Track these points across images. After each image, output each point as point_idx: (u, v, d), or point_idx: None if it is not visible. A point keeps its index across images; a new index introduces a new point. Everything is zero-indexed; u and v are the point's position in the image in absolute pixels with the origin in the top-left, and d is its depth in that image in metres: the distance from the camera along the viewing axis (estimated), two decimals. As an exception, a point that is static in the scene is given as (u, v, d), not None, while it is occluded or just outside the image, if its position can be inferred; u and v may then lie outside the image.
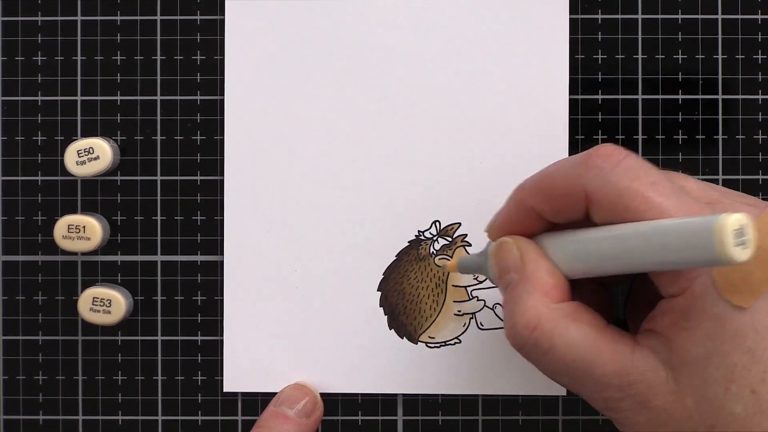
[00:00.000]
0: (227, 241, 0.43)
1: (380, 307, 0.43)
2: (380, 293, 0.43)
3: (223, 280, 0.43)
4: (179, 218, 0.43)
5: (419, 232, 0.43)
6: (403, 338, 0.43)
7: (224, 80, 0.43)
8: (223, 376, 0.43)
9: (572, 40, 0.43)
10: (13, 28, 0.43)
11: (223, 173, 0.43)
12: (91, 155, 0.42)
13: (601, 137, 0.43)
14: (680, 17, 0.43)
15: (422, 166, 0.43)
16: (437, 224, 0.43)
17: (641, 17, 0.43)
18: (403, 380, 0.43)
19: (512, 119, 0.42)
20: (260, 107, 0.43)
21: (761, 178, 0.43)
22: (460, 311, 0.43)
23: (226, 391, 0.43)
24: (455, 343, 0.43)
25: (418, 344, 0.43)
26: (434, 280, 0.43)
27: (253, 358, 0.43)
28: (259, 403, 0.43)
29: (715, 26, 0.43)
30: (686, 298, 0.30)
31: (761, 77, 0.43)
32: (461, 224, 0.43)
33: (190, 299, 0.43)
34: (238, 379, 0.43)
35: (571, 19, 0.43)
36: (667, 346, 0.30)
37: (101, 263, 0.43)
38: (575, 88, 0.43)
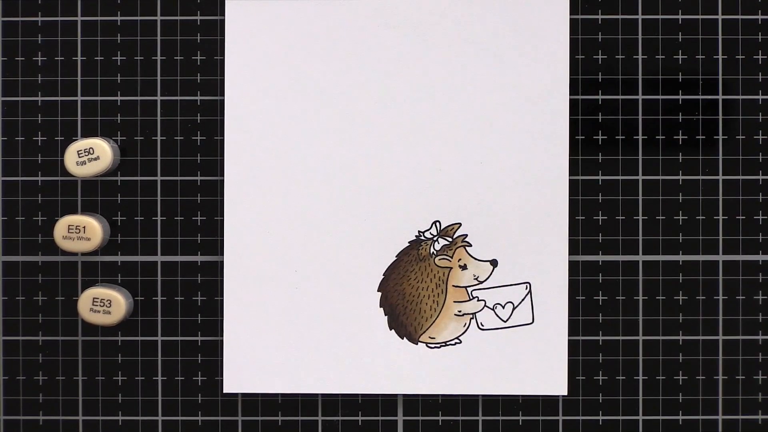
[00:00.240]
0: (227, 241, 0.43)
1: (380, 307, 0.43)
2: (380, 293, 0.43)
3: (223, 280, 0.43)
4: (179, 218, 0.43)
5: (419, 232, 0.43)
6: (403, 338, 0.43)
7: (224, 81, 0.43)
8: (223, 376, 0.43)
9: (572, 40, 0.43)
10: (13, 28, 0.43)
11: (223, 173, 0.43)
12: (91, 155, 0.42)
13: (601, 137, 0.43)
14: (680, 17, 0.43)
15: (422, 166, 0.43)
16: (437, 224, 0.43)
17: (641, 17, 0.43)
18: (403, 380, 0.43)
19: (512, 119, 0.42)
20: (260, 107, 0.43)
21: (761, 178, 0.43)
22: (460, 311, 0.43)
23: (226, 391, 0.43)
24: (455, 343, 0.43)
25: (418, 344, 0.43)
26: (434, 280, 0.43)
27: (253, 358, 0.43)
28: (259, 403, 0.43)
29: (715, 26, 0.43)
30: None
31: (761, 77, 0.43)
32: (461, 224, 0.43)
33: (190, 299, 0.43)
34: (238, 379, 0.43)
35: (571, 19, 0.43)
36: None
37: (101, 263, 0.43)
38: (575, 88, 0.43)
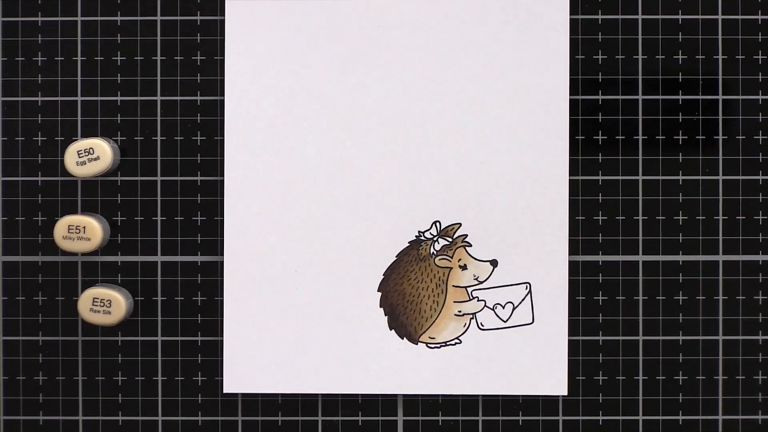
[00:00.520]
0: (227, 241, 0.43)
1: (380, 307, 0.43)
2: (380, 293, 0.43)
3: (223, 280, 0.43)
4: (179, 218, 0.43)
5: (419, 232, 0.43)
6: (403, 338, 0.43)
7: (224, 80, 0.43)
8: (223, 376, 0.43)
9: (572, 40, 0.43)
10: (13, 28, 0.43)
11: (223, 173, 0.43)
12: (91, 155, 0.42)
13: (601, 137, 0.43)
14: (680, 17, 0.43)
15: (422, 166, 0.43)
16: (437, 224, 0.43)
17: (641, 17, 0.43)
18: (403, 380, 0.43)
19: (512, 119, 0.42)
20: (260, 107, 0.43)
21: (761, 178, 0.43)
22: (460, 311, 0.43)
23: (226, 391, 0.43)
24: (455, 343, 0.43)
25: (418, 344, 0.43)
26: (434, 280, 0.43)
27: (253, 358, 0.43)
28: (259, 403, 0.43)
29: (715, 26, 0.43)
30: None
31: (761, 77, 0.43)
32: (461, 224, 0.43)
33: (190, 299, 0.43)
34: (238, 379, 0.43)
35: (571, 19, 0.43)
36: None
37: (101, 263, 0.43)
38: (575, 88, 0.43)
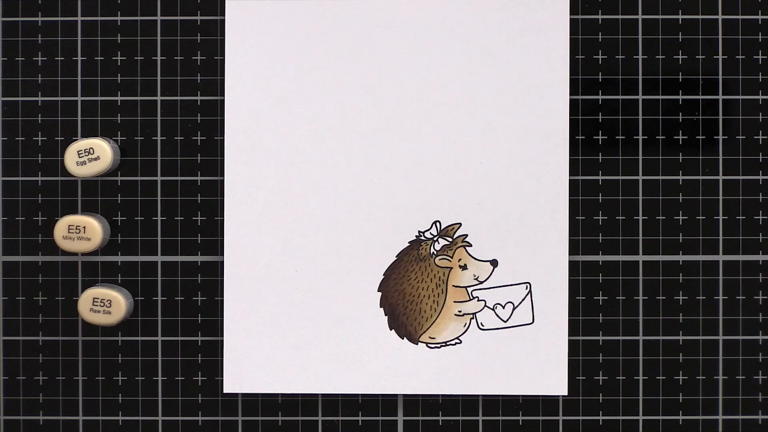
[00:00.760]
0: (227, 241, 0.43)
1: (380, 307, 0.43)
2: (380, 293, 0.43)
3: (223, 280, 0.43)
4: (179, 218, 0.43)
5: (419, 232, 0.43)
6: (403, 338, 0.43)
7: (224, 80, 0.43)
8: (223, 376, 0.43)
9: (572, 40, 0.43)
10: (13, 28, 0.43)
11: (223, 173, 0.43)
12: (91, 155, 0.42)
13: (601, 137, 0.43)
14: (680, 17, 0.43)
15: (422, 166, 0.43)
16: (437, 224, 0.43)
17: (641, 17, 0.43)
18: (403, 380, 0.43)
19: (512, 119, 0.42)
20: (260, 107, 0.43)
21: (761, 178, 0.43)
22: (460, 311, 0.43)
23: (226, 391, 0.43)
24: (456, 343, 0.43)
25: (418, 344, 0.43)
26: (435, 280, 0.43)
27: (253, 358, 0.43)
28: (259, 403, 0.43)
29: (715, 26, 0.43)
30: None
31: (761, 77, 0.43)
32: (461, 224, 0.43)
33: (190, 299, 0.43)
34: (238, 379, 0.43)
35: (571, 19, 0.43)
36: None
37: (101, 263, 0.43)
38: (575, 88, 0.43)
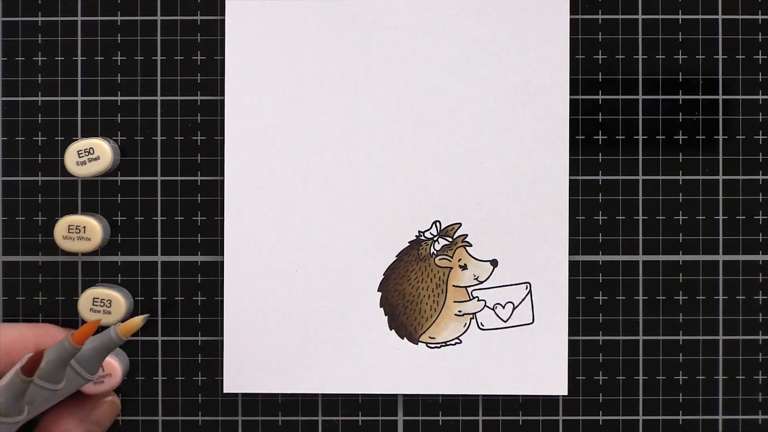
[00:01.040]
0: (227, 241, 0.43)
1: (380, 307, 0.43)
2: (380, 293, 0.43)
3: (223, 280, 0.43)
4: (179, 218, 0.43)
5: (419, 232, 0.43)
6: (403, 338, 0.43)
7: (224, 80, 0.43)
8: (223, 376, 0.43)
9: (572, 40, 0.43)
10: (13, 28, 0.43)
11: (223, 173, 0.43)
12: (91, 155, 0.42)
13: (601, 138, 0.43)
14: (680, 17, 0.43)
15: (422, 166, 0.43)
16: (437, 224, 0.43)
17: (641, 17, 0.43)
18: (403, 380, 0.43)
19: (513, 119, 0.42)
20: (260, 107, 0.43)
21: (761, 178, 0.43)
22: (460, 311, 0.43)
23: (226, 391, 0.43)
24: (456, 343, 0.43)
25: (418, 344, 0.43)
26: (435, 280, 0.43)
27: (253, 359, 0.43)
28: (259, 403, 0.43)
29: (715, 26, 0.43)
30: None
31: (761, 77, 0.43)
32: (461, 224, 0.43)
33: (190, 300, 0.43)
34: (238, 379, 0.43)
35: (571, 19, 0.43)
36: None
37: (101, 263, 0.43)
38: (575, 88, 0.43)
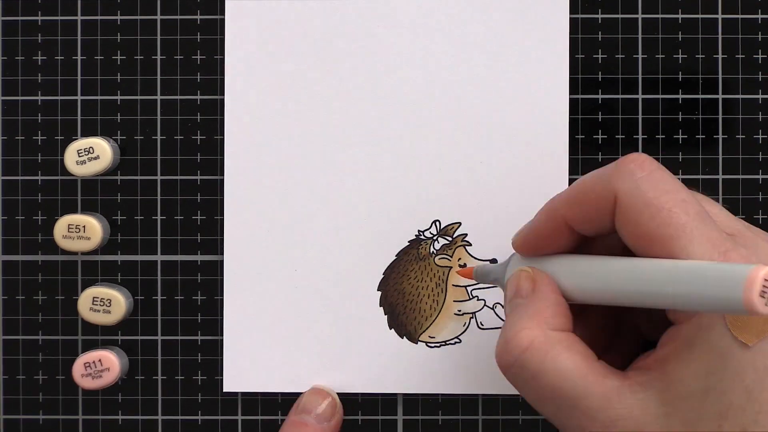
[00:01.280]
0: (227, 241, 0.43)
1: (380, 306, 0.43)
2: (380, 293, 0.43)
3: (223, 280, 0.43)
4: (179, 218, 0.43)
5: (419, 231, 0.43)
6: (403, 338, 0.43)
7: (224, 80, 0.43)
8: (223, 375, 0.43)
9: (572, 40, 0.43)
10: (13, 27, 0.43)
11: (223, 173, 0.43)
12: (91, 155, 0.42)
13: (601, 137, 0.43)
14: (680, 17, 0.43)
15: (422, 166, 0.43)
16: (437, 224, 0.43)
17: (641, 17, 0.43)
18: (403, 380, 0.43)
19: (512, 119, 0.42)
20: (260, 107, 0.43)
21: (761, 177, 0.43)
22: (460, 311, 0.43)
23: (226, 390, 0.43)
24: (455, 342, 0.43)
25: (418, 344, 0.43)
26: (434, 279, 0.43)
27: (253, 358, 0.43)
28: (258, 403, 0.43)
29: (715, 26, 0.43)
30: (692, 326, 0.30)
31: (761, 77, 0.43)
32: (461, 224, 0.43)
33: (190, 299, 0.43)
34: (238, 379, 0.43)
35: (571, 18, 0.43)
36: (662, 380, 0.30)
37: (101, 263, 0.43)
38: (575, 88, 0.43)
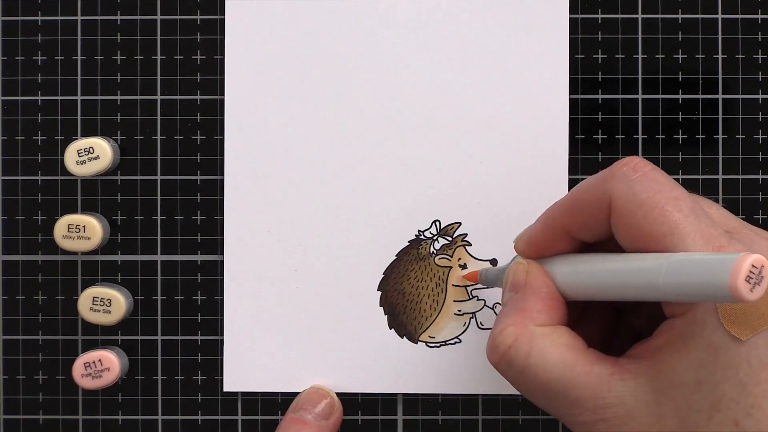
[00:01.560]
0: (227, 241, 0.43)
1: (380, 306, 0.43)
2: (380, 293, 0.43)
3: (223, 280, 0.43)
4: (179, 218, 0.43)
5: (419, 231, 0.43)
6: (403, 338, 0.43)
7: (224, 80, 0.43)
8: (223, 375, 0.43)
9: (572, 40, 0.43)
10: (13, 28, 0.43)
11: (223, 173, 0.43)
12: (91, 155, 0.42)
13: (601, 137, 0.43)
14: (680, 17, 0.43)
15: (422, 166, 0.43)
16: (437, 224, 0.43)
17: (641, 17, 0.43)
18: (403, 380, 0.43)
19: (512, 119, 0.42)
20: (260, 107, 0.43)
21: (761, 177, 0.43)
22: (460, 311, 0.43)
23: (226, 390, 0.43)
24: (455, 342, 0.43)
25: (418, 344, 0.43)
26: (434, 279, 0.43)
27: (253, 358, 0.43)
28: (258, 402, 0.43)
29: (715, 26, 0.43)
30: (686, 320, 0.30)
31: (761, 77, 0.43)
32: (461, 224, 0.43)
33: (190, 299, 0.43)
34: (238, 378, 0.43)
35: (571, 18, 0.43)
36: (654, 369, 0.30)
37: (101, 263, 0.43)
38: (575, 88, 0.43)
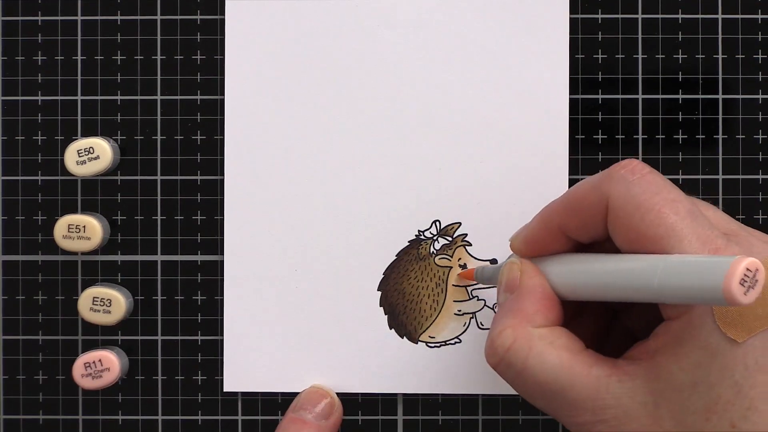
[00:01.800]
0: (227, 241, 0.43)
1: (380, 306, 0.43)
2: (380, 293, 0.43)
3: (223, 280, 0.43)
4: (179, 218, 0.43)
5: (419, 231, 0.43)
6: (403, 338, 0.43)
7: (224, 80, 0.43)
8: (223, 375, 0.43)
9: (572, 40, 0.43)
10: (13, 28, 0.43)
11: (223, 173, 0.43)
12: (91, 155, 0.42)
13: (601, 137, 0.43)
14: (680, 17, 0.43)
15: (422, 166, 0.43)
16: (437, 224, 0.43)
17: (641, 17, 0.43)
18: (403, 380, 0.43)
19: (512, 119, 0.42)
20: (260, 107, 0.43)
21: (761, 177, 0.43)
22: (460, 311, 0.43)
23: (226, 390, 0.43)
24: (455, 342, 0.43)
25: (418, 344, 0.43)
26: (434, 279, 0.43)
27: (253, 358, 0.43)
28: (259, 402, 0.43)
29: (715, 26, 0.43)
30: (683, 323, 0.30)
31: (761, 77, 0.43)
32: (461, 224, 0.43)
33: (190, 299, 0.43)
34: (238, 378, 0.43)
35: (571, 19, 0.43)
36: (650, 370, 0.31)
37: (101, 263, 0.43)
38: (575, 88, 0.43)
